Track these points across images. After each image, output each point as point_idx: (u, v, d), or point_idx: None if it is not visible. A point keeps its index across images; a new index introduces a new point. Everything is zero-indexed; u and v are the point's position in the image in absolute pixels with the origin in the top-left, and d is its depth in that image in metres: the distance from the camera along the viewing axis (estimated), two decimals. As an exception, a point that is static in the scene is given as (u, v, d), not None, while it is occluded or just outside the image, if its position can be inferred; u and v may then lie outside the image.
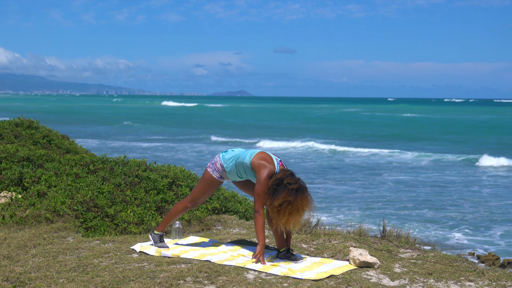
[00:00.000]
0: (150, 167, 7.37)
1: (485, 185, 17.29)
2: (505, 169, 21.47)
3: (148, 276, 4.22)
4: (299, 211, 4.53)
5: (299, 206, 4.51)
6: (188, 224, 6.05)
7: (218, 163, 4.91)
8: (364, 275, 4.39)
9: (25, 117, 11.38)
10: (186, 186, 6.78)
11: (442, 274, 4.41)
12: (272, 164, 4.68)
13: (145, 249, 5.00)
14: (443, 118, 62.72)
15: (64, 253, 4.95)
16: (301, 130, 42.79)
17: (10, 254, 4.88)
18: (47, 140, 10.23)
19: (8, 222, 5.99)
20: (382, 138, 36.72)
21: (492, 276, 4.37)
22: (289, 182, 4.54)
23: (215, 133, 37.74)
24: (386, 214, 12.82)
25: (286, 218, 4.52)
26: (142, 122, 49.48)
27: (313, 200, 4.69)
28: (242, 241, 5.44)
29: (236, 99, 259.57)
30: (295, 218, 4.55)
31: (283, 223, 4.55)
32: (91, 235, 5.61)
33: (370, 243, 5.37)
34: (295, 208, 4.49)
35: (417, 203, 14.27)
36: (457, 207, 13.80)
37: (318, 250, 5.18)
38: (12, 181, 7.43)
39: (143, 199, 6.26)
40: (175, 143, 30.95)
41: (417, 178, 18.55)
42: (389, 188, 16.56)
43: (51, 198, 6.40)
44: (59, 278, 4.19)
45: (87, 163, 7.74)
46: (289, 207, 4.48)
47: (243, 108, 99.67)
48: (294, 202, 4.48)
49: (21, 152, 8.27)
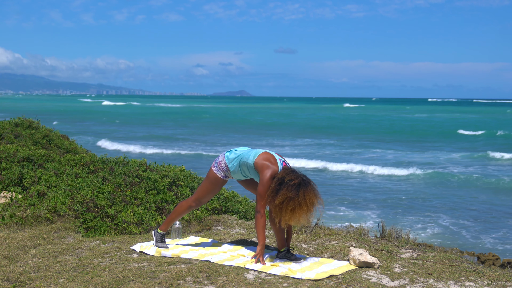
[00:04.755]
0: (150, 167, 7.38)
1: (485, 184, 17.29)
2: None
3: (148, 276, 4.22)
4: (302, 207, 4.42)
5: (301, 201, 4.41)
6: (188, 224, 6.06)
7: (223, 163, 4.91)
8: (364, 275, 4.38)
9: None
10: (186, 186, 6.78)
11: (442, 274, 4.41)
12: (276, 165, 4.66)
13: (145, 249, 5.00)
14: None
15: (64, 253, 4.95)
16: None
17: (10, 254, 4.88)
18: (47, 140, 10.23)
19: (8, 222, 5.98)
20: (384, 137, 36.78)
21: (492, 276, 4.37)
22: (290, 178, 4.49)
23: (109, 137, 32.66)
24: (386, 214, 12.82)
25: (289, 215, 4.43)
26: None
27: (319, 194, 4.56)
28: (242, 241, 5.44)
29: (236, 99, 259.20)
30: (299, 214, 4.44)
31: (286, 220, 4.46)
32: (91, 235, 5.61)
33: (370, 243, 5.38)
34: (297, 204, 4.41)
35: (416, 203, 14.27)
36: (457, 207, 13.80)
37: (318, 250, 5.18)
38: (12, 181, 7.43)
39: (143, 199, 6.26)
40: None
41: (418, 177, 18.57)
42: (389, 188, 16.57)
43: (51, 198, 6.40)
44: (59, 278, 4.19)
45: (87, 163, 7.75)
46: (291, 203, 4.41)
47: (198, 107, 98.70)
48: (296, 197, 4.40)
49: (21, 152, 8.27)
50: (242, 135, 37.50)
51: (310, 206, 4.48)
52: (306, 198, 4.45)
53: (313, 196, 4.49)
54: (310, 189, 4.49)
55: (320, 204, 4.57)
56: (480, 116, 69.00)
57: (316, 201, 4.53)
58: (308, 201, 4.46)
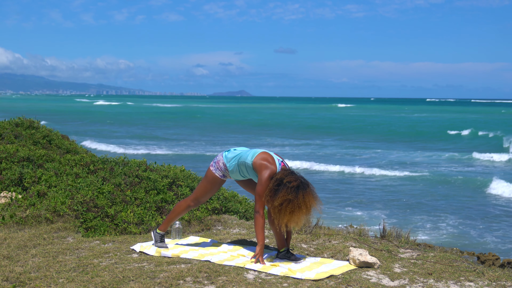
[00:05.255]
0: (150, 167, 7.38)
1: (485, 185, 17.28)
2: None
3: (148, 276, 4.22)
4: (301, 209, 4.44)
5: (301, 204, 4.44)
6: (188, 224, 6.06)
7: (221, 162, 4.91)
8: (364, 275, 4.38)
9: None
10: (186, 186, 6.78)
11: (442, 274, 4.41)
12: (274, 165, 4.67)
13: (145, 249, 5.00)
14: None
15: (64, 253, 4.94)
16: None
17: (10, 254, 4.88)
18: (47, 140, 10.23)
19: (8, 222, 5.99)
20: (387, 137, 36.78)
21: (492, 276, 4.37)
22: (289, 180, 4.50)
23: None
24: (385, 214, 12.82)
25: (288, 217, 4.45)
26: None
27: (317, 196, 4.58)
28: (242, 241, 5.44)
29: (234, 99, 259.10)
30: (298, 217, 4.46)
31: (285, 222, 4.47)
32: (91, 235, 5.61)
33: (370, 243, 5.37)
34: (296, 206, 4.43)
35: (416, 202, 14.27)
36: (457, 207, 13.80)
37: (318, 250, 5.18)
38: (12, 181, 7.43)
39: (143, 199, 6.26)
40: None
41: (416, 177, 18.56)
42: (389, 187, 16.57)
43: (51, 198, 6.41)
44: (59, 278, 4.19)
45: (87, 163, 7.75)
46: (290, 205, 4.43)
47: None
48: (295, 200, 4.42)
49: (21, 152, 8.27)
50: (232, 135, 37.54)
51: (309, 208, 4.51)
52: (305, 200, 4.47)
53: (312, 199, 4.52)
54: (309, 192, 4.51)
55: (320, 205, 4.58)
56: (472, 116, 69.05)
57: (315, 203, 4.55)
58: (307, 203, 4.48)
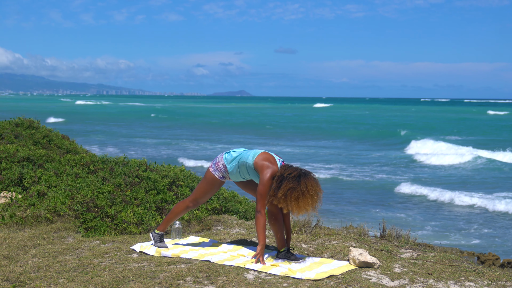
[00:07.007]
0: (150, 167, 7.38)
1: (485, 183, 17.29)
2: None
3: (148, 276, 4.22)
4: (305, 195, 4.46)
5: (304, 190, 4.46)
6: (188, 224, 6.05)
7: (221, 163, 4.90)
8: (364, 275, 4.38)
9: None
10: (186, 186, 6.78)
11: (442, 274, 4.41)
12: (275, 165, 4.67)
13: (145, 249, 5.00)
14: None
15: (64, 253, 4.94)
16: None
17: (10, 254, 4.88)
18: (47, 140, 10.23)
19: (8, 222, 5.99)
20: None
21: (492, 276, 4.37)
22: (289, 172, 4.55)
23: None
24: (385, 214, 12.82)
25: (295, 206, 4.47)
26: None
27: (319, 184, 4.60)
28: (242, 241, 5.44)
29: (233, 99, 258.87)
30: (305, 203, 4.47)
31: (295, 210, 4.50)
32: (91, 235, 5.61)
33: (370, 243, 5.37)
34: (300, 193, 4.45)
35: (416, 202, 14.27)
36: (456, 207, 13.80)
37: (318, 250, 5.18)
38: (12, 181, 7.43)
39: (143, 199, 6.26)
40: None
41: (417, 176, 18.56)
42: (388, 187, 16.57)
43: (51, 198, 6.41)
44: (59, 278, 4.19)
45: (87, 163, 7.75)
46: (294, 193, 4.45)
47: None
48: (298, 187, 4.45)
49: (21, 152, 8.27)
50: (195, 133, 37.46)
51: (313, 194, 4.51)
52: (308, 186, 4.49)
53: (315, 184, 4.53)
54: (311, 178, 4.54)
55: (320, 193, 4.59)
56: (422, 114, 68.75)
57: (319, 188, 4.57)
58: (310, 189, 4.49)
